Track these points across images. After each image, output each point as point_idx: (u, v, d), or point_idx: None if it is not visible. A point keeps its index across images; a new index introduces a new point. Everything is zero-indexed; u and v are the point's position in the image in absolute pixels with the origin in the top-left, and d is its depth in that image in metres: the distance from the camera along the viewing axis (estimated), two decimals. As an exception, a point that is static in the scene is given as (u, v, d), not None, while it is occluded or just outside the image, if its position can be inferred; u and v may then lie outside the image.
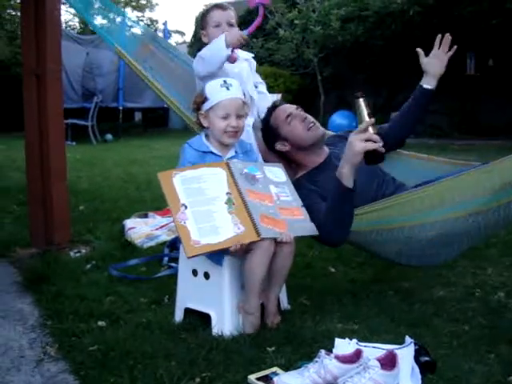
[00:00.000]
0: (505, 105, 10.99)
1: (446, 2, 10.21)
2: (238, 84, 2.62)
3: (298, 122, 2.83)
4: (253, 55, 3.21)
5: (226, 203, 2.42)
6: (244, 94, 2.66)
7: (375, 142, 2.34)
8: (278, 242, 2.40)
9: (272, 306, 2.52)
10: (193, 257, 2.30)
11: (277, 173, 2.71)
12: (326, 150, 2.94)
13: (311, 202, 2.64)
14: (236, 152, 2.68)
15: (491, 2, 9.60)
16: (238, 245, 2.30)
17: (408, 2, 10.36)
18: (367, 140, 2.34)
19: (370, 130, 2.36)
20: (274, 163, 2.81)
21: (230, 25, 2.95)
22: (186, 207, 2.37)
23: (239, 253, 2.36)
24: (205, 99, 2.58)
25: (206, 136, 2.67)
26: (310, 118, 2.87)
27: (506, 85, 11.01)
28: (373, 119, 2.35)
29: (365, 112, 2.36)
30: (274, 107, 2.92)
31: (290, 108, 2.88)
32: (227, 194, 2.45)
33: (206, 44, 2.98)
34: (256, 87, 3.13)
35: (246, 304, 2.43)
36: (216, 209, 2.40)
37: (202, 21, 3.07)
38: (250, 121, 2.95)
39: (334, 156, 2.90)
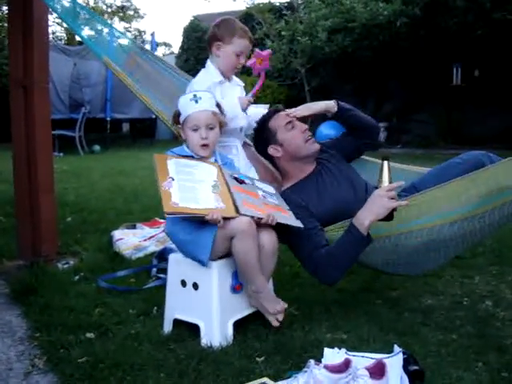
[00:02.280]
0: (490, 115, 11.10)
1: (432, 14, 10.31)
2: (208, 96, 2.66)
3: (298, 132, 2.85)
4: (243, 84, 3.21)
5: (212, 187, 2.49)
6: (218, 105, 2.69)
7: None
8: (259, 225, 2.44)
9: None
10: (170, 214, 2.32)
11: (267, 187, 2.78)
12: (315, 162, 2.95)
13: (299, 216, 2.65)
14: (216, 160, 2.72)
15: (476, 13, 9.70)
16: (215, 214, 2.31)
17: (395, 13, 10.44)
18: (392, 198, 2.41)
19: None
20: (266, 181, 2.85)
21: (247, 57, 2.99)
22: (173, 179, 2.43)
23: (221, 238, 2.40)
24: (179, 113, 2.65)
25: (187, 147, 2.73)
26: (309, 131, 2.90)
27: (491, 95, 11.13)
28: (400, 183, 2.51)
29: (387, 174, 2.46)
30: (276, 110, 2.93)
31: (290, 116, 2.91)
32: (214, 181, 2.52)
33: (204, 62, 2.99)
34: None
35: (253, 286, 2.47)
36: (201, 188, 2.46)
37: (224, 33, 2.92)
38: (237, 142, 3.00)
39: (322, 168, 2.92)
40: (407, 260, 2.73)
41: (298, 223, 2.57)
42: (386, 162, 2.47)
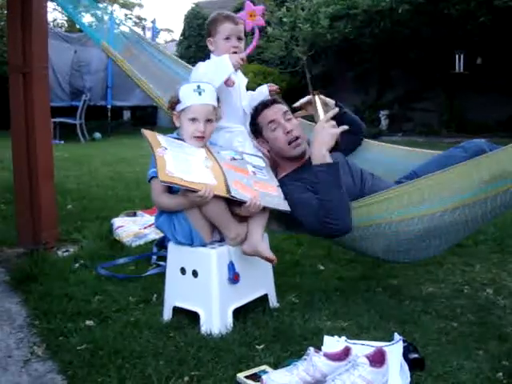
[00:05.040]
0: (493, 103, 11.04)
1: (434, 0, 10.23)
2: (211, 89, 2.63)
3: (280, 133, 2.79)
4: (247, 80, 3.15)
5: (203, 161, 2.49)
6: (218, 99, 2.66)
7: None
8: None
9: None
10: (164, 182, 2.32)
11: (257, 160, 2.77)
12: (309, 150, 2.92)
13: (299, 194, 2.65)
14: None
15: (479, 0, 9.63)
16: (208, 190, 2.32)
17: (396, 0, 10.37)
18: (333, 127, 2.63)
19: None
20: (257, 155, 2.82)
21: (239, 38, 2.93)
22: (166, 148, 2.43)
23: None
24: (178, 101, 2.62)
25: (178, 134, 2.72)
26: (295, 131, 2.80)
27: (494, 83, 11.07)
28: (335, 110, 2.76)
29: (321, 107, 2.74)
30: (264, 105, 2.87)
31: (277, 113, 2.82)
32: (205, 157, 2.53)
33: (205, 49, 2.96)
34: None
35: (231, 233, 2.53)
36: (193, 160, 2.46)
37: (210, 27, 2.96)
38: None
39: None
40: (408, 247, 2.71)
41: (284, 206, 2.58)
42: (316, 97, 2.71)
